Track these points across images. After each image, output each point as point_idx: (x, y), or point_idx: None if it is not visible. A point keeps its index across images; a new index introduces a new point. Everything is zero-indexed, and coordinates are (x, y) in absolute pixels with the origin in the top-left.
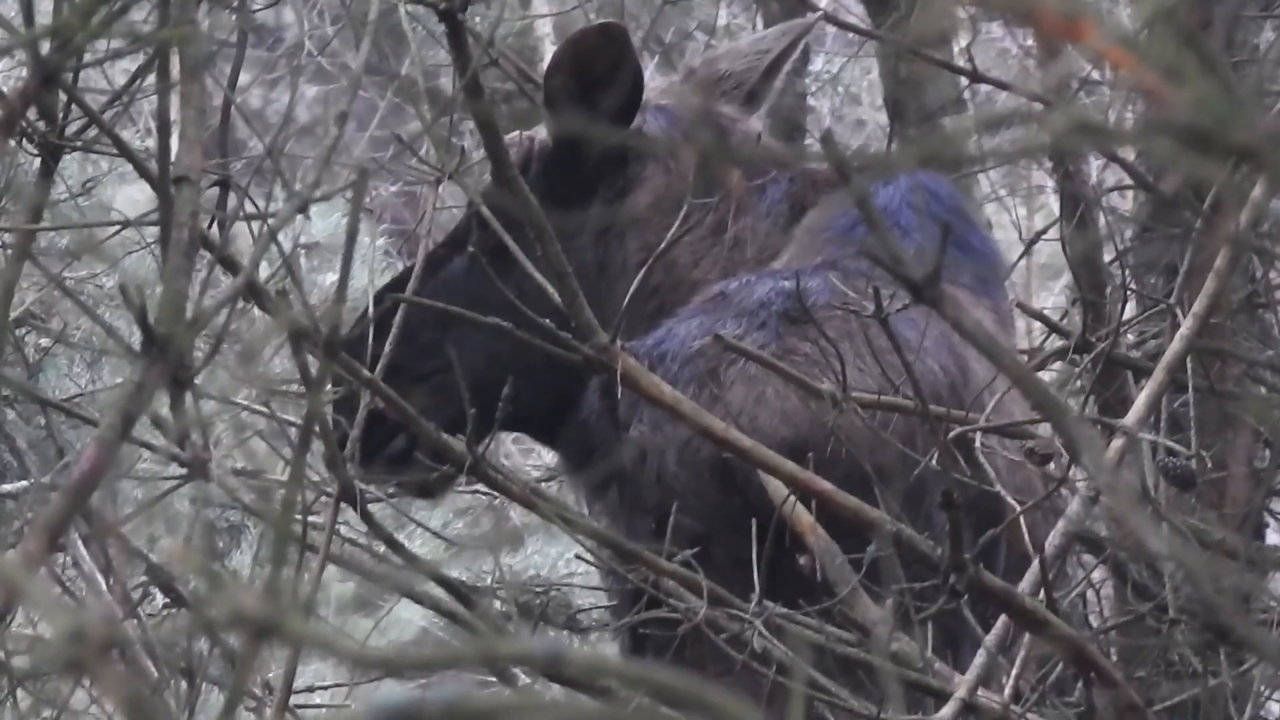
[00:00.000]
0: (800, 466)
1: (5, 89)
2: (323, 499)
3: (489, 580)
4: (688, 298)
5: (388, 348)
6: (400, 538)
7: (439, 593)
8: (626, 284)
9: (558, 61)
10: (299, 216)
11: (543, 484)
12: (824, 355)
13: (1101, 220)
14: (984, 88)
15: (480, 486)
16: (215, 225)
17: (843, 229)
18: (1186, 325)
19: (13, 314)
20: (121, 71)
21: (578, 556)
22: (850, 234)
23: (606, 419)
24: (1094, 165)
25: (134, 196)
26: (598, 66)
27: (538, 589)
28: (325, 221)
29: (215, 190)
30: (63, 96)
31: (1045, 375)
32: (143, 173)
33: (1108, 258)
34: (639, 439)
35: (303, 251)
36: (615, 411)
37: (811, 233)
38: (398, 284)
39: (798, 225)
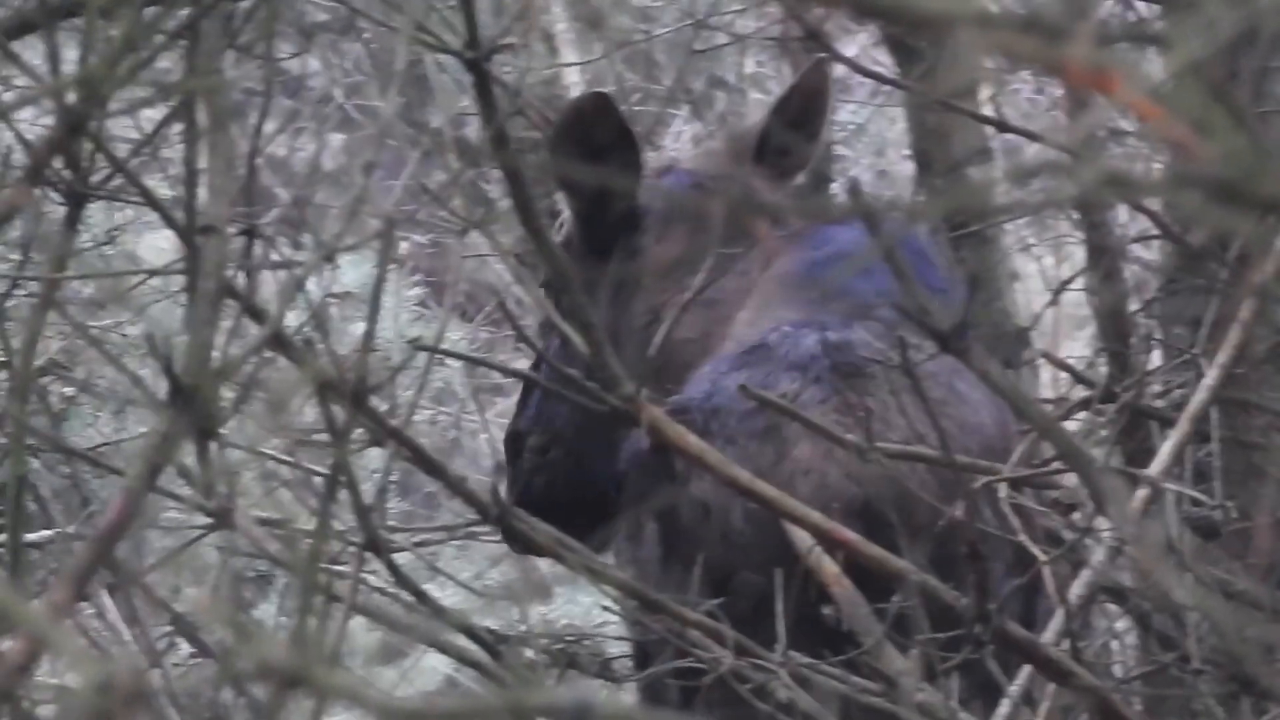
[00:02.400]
0: (846, 522)
1: (31, 138)
2: (349, 549)
3: (519, 630)
4: (674, 357)
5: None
6: (430, 588)
7: (465, 642)
8: (632, 346)
9: (558, 134)
10: (327, 266)
11: None
12: (886, 410)
13: (1127, 271)
14: (1011, 138)
15: None
16: (242, 274)
17: (801, 271)
18: (1211, 376)
19: (37, 362)
20: (148, 120)
21: (603, 607)
22: (810, 275)
23: (652, 471)
24: (1122, 214)
25: (159, 245)
26: (598, 134)
27: (568, 638)
28: (357, 271)
29: (242, 239)
30: (89, 145)
31: (1070, 425)
32: (169, 222)
33: (1133, 308)
34: (701, 494)
35: (334, 301)
36: (668, 465)
37: (775, 279)
38: None
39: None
